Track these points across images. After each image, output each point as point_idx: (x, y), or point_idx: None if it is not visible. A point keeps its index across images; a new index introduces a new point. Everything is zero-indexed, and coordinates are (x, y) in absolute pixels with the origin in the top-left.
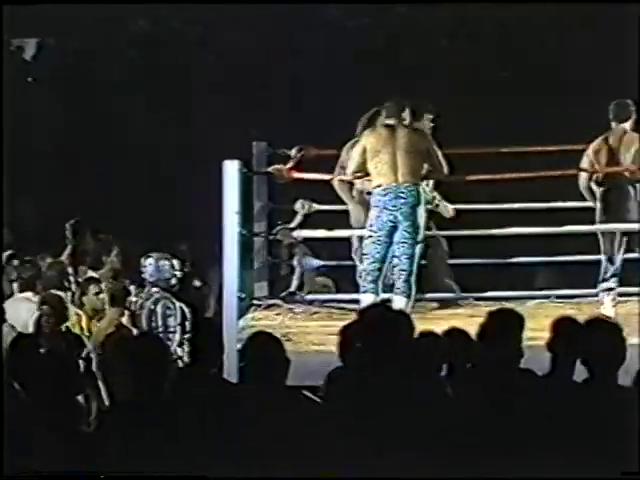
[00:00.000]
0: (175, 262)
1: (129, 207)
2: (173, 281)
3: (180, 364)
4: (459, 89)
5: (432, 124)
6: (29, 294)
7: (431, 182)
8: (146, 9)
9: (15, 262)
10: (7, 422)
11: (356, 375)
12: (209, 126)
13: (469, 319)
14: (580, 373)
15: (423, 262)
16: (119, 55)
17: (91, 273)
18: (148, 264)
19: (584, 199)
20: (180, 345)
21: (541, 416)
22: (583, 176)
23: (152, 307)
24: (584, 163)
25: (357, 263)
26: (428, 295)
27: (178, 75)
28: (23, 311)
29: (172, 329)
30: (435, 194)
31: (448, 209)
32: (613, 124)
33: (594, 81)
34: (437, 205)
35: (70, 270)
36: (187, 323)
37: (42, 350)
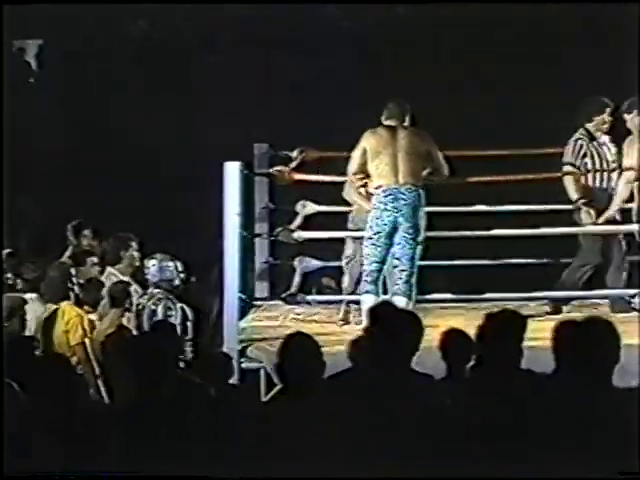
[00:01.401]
0: (179, 263)
1: (129, 208)
2: (176, 282)
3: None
4: (459, 89)
5: None
6: (33, 295)
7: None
8: (146, 9)
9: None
10: (7, 423)
11: (363, 374)
12: (210, 127)
13: (470, 320)
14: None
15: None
16: (119, 55)
17: (111, 270)
18: (151, 265)
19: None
20: None
21: (542, 417)
22: None
23: (153, 308)
24: None
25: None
26: (429, 296)
27: (178, 75)
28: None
29: None
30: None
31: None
32: None
33: (594, 81)
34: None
35: (72, 271)
36: (189, 324)
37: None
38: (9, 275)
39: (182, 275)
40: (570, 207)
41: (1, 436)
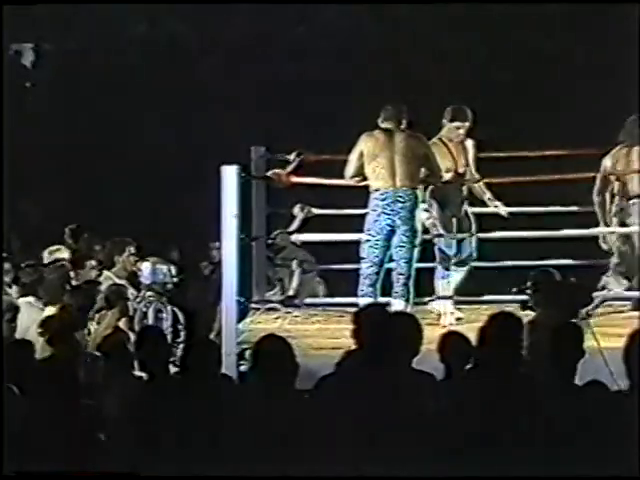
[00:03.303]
0: (172, 266)
1: (126, 210)
2: (169, 286)
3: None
4: (459, 90)
5: None
6: (31, 298)
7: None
8: (145, 11)
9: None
10: (7, 423)
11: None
12: (208, 130)
13: (469, 323)
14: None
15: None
16: (118, 58)
17: (108, 273)
18: (144, 268)
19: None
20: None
21: (541, 419)
22: None
23: (144, 310)
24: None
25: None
26: (427, 298)
27: (177, 78)
28: (24, 316)
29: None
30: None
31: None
32: None
33: (594, 82)
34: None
35: (72, 274)
36: (179, 326)
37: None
38: (6, 279)
39: (175, 278)
40: (572, 209)
41: (1, 436)
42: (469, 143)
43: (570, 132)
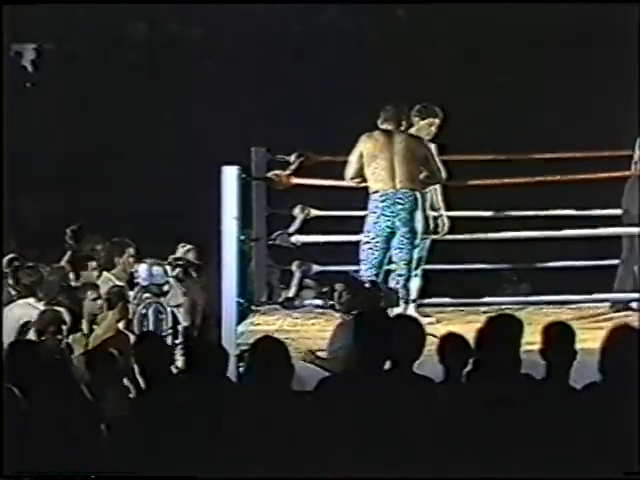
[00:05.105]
0: (168, 268)
1: (126, 211)
2: (165, 287)
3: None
4: (459, 91)
5: None
6: (31, 300)
7: (439, 189)
8: (145, 12)
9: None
10: (7, 423)
11: (353, 379)
12: (208, 131)
13: (467, 324)
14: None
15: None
16: (118, 58)
17: (107, 274)
18: (141, 269)
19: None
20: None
21: (540, 421)
22: None
23: (143, 312)
24: None
25: None
26: (427, 300)
27: (177, 79)
28: (25, 317)
29: (164, 333)
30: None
31: (445, 223)
32: None
33: (593, 83)
34: (440, 215)
35: (71, 276)
36: (179, 327)
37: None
38: (9, 281)
39: (171, 280)
40: (572, 212)
41: (1, 436)
42: (432, 146)
43: (569, 133)
